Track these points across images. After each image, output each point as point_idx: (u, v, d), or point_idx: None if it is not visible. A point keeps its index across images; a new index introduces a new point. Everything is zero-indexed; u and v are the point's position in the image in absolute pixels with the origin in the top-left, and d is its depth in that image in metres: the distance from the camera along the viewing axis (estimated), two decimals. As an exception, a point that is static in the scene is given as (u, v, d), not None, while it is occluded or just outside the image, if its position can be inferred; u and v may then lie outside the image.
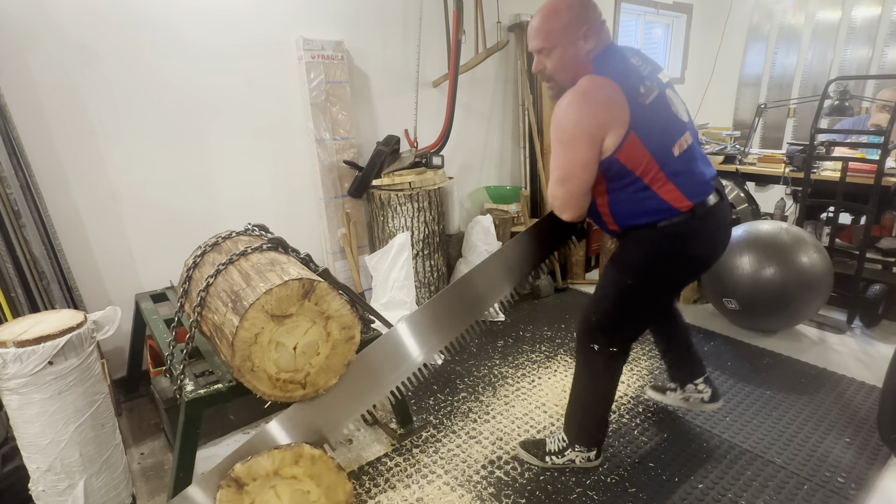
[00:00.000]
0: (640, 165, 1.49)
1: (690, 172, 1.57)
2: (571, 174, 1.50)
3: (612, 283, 1.71)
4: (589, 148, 1.46)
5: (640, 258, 1.63)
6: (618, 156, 1.47)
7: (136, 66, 2.24)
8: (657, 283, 1.68)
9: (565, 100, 1.48)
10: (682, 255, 1.63)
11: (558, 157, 1.51)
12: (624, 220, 1.62)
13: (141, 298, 2.29)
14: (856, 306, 2.93)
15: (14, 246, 1.93)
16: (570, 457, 1.88)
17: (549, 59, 1.56)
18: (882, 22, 4.55)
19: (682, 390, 2.09)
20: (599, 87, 1.45)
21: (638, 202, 1.55)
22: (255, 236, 1.96)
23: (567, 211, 1.57)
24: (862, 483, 1.81)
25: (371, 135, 3.05)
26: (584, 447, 1.87)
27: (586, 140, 1.45)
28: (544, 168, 3.75)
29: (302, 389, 1.63)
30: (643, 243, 1.62)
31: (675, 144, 1.54)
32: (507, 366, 2.65)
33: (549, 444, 1.93)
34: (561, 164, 1.51)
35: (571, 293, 3.65)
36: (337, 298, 1.62)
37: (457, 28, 2.98)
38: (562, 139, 1.49)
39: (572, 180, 1.51)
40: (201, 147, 2.48)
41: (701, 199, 1.57)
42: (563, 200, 1.55)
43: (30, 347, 1.39)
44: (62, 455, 1.50)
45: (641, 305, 1.72)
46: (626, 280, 1.66)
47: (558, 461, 1.90)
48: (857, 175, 2.91)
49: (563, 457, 1.89)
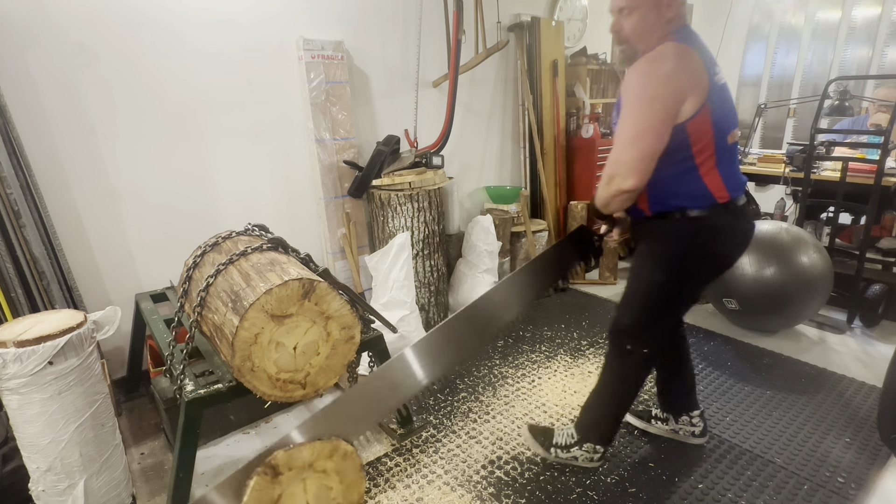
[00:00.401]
0: (701, 141, 1.49)
1: (733, 166, 1.59)
2: (648, 130, 1.45)
3: (643, 282, 1.68)
4: (670, 105, 1.44)
5: (670, 253, 1.61)
6: (689, 125, 1.46)
7: (136, 66, 2.24)
8: (687, 279, 1.66)
9: (649, 59, 1.47)
10: (711, 251, 1.62)
11: (634, 114, 1.47)
12: (660, 201, 1.59)
13: (141, 298, 2.29)
14: (856, 306, 2.93)
15: (14, 246, 1.93)
16: (575, 454, 1.88)
17: (627, 21, 1.55)
18: (882, 22, 4.55)
19: (675, 421, 2.03)
20: (686, 52, 1.47)
21: (681, 182, 1.54)
22: (255, 236, 1.96)
23: (632, 176, 1.47)
24: (862, 483, 1.81)
25: (371, 135, 3.05)
26: (593, 445, 1.87)
27: (669, 97, 1.44)
28: (544, 168, 3.75)
29: (302, 389, 1.63)
30: (672, 237, 1.61)
31: (730, 133, 1.56)
32: (507, 366, 2.65)
33: (557, 437, 1.92)
34: (638, 120, 1.46)
35: (571, 293, 3.65)
36: (337, 298, 1.62)
37: (457, 28, 2.98)
38: (642, 96, 1.46)
39: (647, 138, 1.45)
40: (201, 147, 2.48)
41: (736, 195, 1.59)
42: (631, 163, 1.47)
43: (30, 347, 1.39)
44: (62, 455, 1.50)
45: (672, 302, 1.70)
46: (656, 277, 1.64)
47: (562, 455, 1.90)
48: (857, 175, 2.91)
49: (568, 452, 1.89)
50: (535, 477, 1.89)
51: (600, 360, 2.69)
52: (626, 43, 1.59)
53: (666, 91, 1.44)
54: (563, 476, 1.89)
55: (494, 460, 1.98)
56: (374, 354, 2.01)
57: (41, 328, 1.45)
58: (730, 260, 1.70)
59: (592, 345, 2.86)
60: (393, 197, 2.80)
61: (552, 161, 3.82)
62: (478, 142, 3.68)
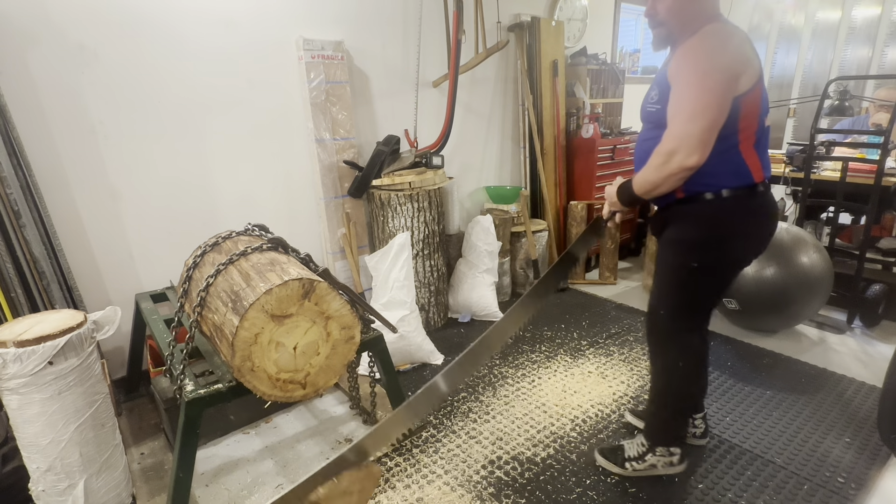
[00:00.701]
0: (749, 118, 1.50)
1: (767, 149, 1.61)
2: (713, 102, 1.43)
3: (678, 270, 1.64)
4: (730, 78, 1.44)
5: (706, 237, 1.59)
6: (743, 100, 1.46)
7: (136, 66, 2.24)
8: (725, 262, 1.63)
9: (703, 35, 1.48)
10: (747, 231, 1.60)
11: (697, 87, 1.45)
12: (697, 180, 1.54)
13: (141, 298, 2.29)
14: (856, 306, 2.93)
15: (14, 246, 1.93)
16: (652, 461, 1.83)
17: (661, 4, 1.56)
18: (882, 22, 4.55)
19: None
20: (737, 31, 1.49)
21: (723, 160, 1.52)
22: (255, 236, 1.96)
23: (698, 151, 1.44)
24: (862, 483, 1.81)
25: (371, 135, 3.06)
26: (666, 448, 1.82)
27: (729, 70, 1.44)
28: (544, 168, 3.75)
29: (302, 389, 1.63)
30: (706, 220, 1.58)
31: (767, 116, 1.58)
32: (507, 366, 2.65)
33: (628, 450, 1.88)
34: (699, 94, 1.44)
35: (571, 293, 3.65)
36: (337, 298, 1.62)
37: (457, 28, 2.98)
38: (704, 68, 1.44)
39: (713, 109, 1.43)
40: (201, 147, 2.48)
41: (767, 177, 1.60)
42: (700, 135, 1.44)
43: (30, 347, 1.39)
44: (62, 455, 1.50)
45: (712, 287, 1.67)
46: (692, 263, 1.60)
47: (639, 467, 1.85)
48: (857, 175, 2.91)
49: (643, 462, 1.84)
50: (535, 477, 1.89)
51: (600, 360, 2.69)
52: (663, 26, 1.59)
53: (726, 63, 1.44)
54: (563, 476, 1.89)
55: (494, 460, 1.98)
56: (374, 354, 2.01)
57: (41, 328, 1.45)
58: (764, 241, 1.67)
59: (592, 345, 2.86)
60: (393, 197, 2.80)
61: (552, 161, 3.82)
62: (478, 142, 3.68)
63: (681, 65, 1.50)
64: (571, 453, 2.01)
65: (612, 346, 2.83)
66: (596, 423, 2.18)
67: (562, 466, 1.94)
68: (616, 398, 2.35)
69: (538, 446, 2.05)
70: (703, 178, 1.53)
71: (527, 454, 2.01)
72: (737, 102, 1.46)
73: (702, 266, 1.60)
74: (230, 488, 1.87)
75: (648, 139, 1.62)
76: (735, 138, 1.52)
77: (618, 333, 2.98)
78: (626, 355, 2.73)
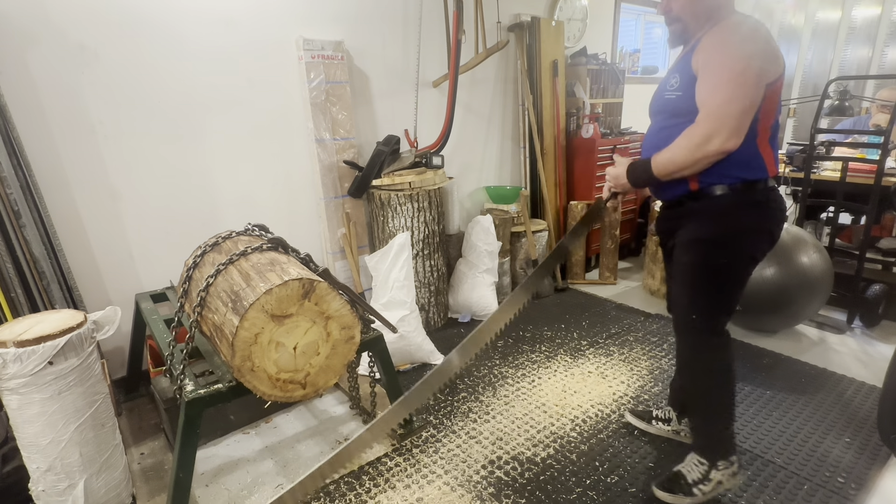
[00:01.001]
0: (768, 108, 1.49)
1: (777, 146, 1.61)
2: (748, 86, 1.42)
3: (699, 271, 1.62)
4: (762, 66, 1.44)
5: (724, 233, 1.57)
6: (768, 91, 1.47)
7: (136, 65, 2.24)
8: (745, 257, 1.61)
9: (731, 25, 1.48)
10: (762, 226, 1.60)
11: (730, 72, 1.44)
12: (714, 171, 1.53)
13: (141, 298, 2.29)
14: (856, 306, 2.94)
15: (14, 246, 1.93)
16: (717, 478, 1.72)
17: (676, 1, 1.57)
18: (882, 22, 4.55)
19: (678, 422, 2.04)
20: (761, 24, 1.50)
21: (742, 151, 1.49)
22: (255, 236, 1.96)
23: (737, 134, 1.44)
24: (862, 483, 1.81)
25: (371, 135, 3.05)
26: (726, 461, 1.72)
27: (760, 58, 1.44)
28: (544, 168, 3.75)
29: (302, 389, 1.63)
30: (723, 215, 1.57)
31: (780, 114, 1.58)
32: (507, 366, 2.65)
33: (689, 474, 1.75)
34: (736, 78, 1.42)
35: (571, 293, 3.65)
36: (337, 298, 1.62)
37: (457, 28, 2.98)
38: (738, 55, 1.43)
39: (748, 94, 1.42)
40: (201, 147, 2.48)
41: (777, 173, 1.61)
42: (739, 117, 1.42)
43: (30, 347, 1.39)
44: (62, 455, 1.50)
45: (736, 283, 1.64)
46: (715, 261, 1.59)
47: (707, 488, 1.72)
48: (857, 175, 2.91)
49: (709, 483, 1.72)
50: (535, 477, 1.89)
51: (600, 360, 2.69)
52: (678, 22, 1.60)
53: (759, 50, 1.44)
54: (563, 476, 1.89)
55: (494, 460, 1.98)
56: (374, 354, 2.01)
57: (41, 328, 1.45)
58: (777, 235, 1.66)
59: (592, 345, 2.86)
60: (393, 197, 2.80)
61: (552, 161, 3.82)
62: (478, 142, 3.68)
63: (711, 51, 1.48)
64: (571, 453, 2.01)
65: (612, 346, 2.83)
66: (596, 424, 2.18)
67: (562, 466, 1.94)
68: (616, 398, 2.35)
69: (538, 446, 2.05)
70: (723, 167, 1.52)
71: (527, 454, 2.01)
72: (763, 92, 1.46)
73: (727, 261, 1.59)
74: (230, 488, 1.87)
75: (665, 128, 1.60)
76: (755, 129, 1.51)
77: (618, 333, 2.99)
78: (626, 355, 2.73)
